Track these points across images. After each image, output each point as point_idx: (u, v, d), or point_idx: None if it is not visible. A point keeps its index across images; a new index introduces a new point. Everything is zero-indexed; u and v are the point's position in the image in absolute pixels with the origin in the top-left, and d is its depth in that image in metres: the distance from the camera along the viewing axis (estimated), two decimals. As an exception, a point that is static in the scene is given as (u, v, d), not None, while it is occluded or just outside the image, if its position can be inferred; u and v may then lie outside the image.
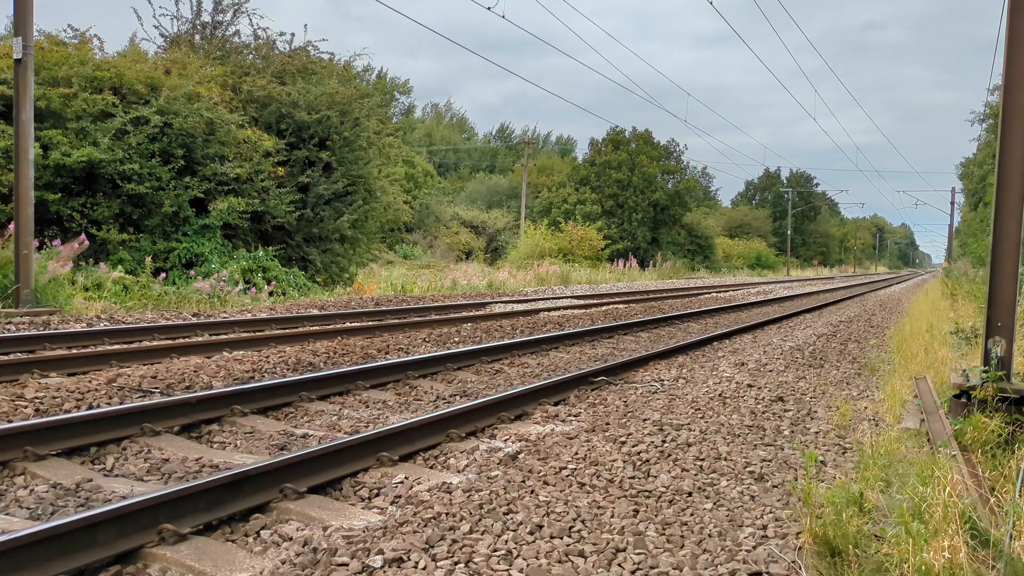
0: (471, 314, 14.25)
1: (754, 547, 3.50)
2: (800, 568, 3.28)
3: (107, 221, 15.12)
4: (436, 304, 16.12)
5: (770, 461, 4.92)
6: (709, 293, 26.63)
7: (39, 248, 12.48)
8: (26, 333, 8.74)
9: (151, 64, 17.59)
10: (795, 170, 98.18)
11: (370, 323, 11.88)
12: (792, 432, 5.76)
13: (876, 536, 3.52)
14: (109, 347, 8.25)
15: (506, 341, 9.88)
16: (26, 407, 5.51)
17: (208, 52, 20.58)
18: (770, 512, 3.96)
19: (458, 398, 6.90)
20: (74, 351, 7.93)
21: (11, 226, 11.79)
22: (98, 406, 5.72)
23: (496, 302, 17.85)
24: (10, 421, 5.13)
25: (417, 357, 8.07)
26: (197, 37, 21.67)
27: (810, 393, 7.35)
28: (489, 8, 18.51)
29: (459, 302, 17.24)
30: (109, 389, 6.22)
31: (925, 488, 3.73)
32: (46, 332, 8.84)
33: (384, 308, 14.43)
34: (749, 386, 7.47)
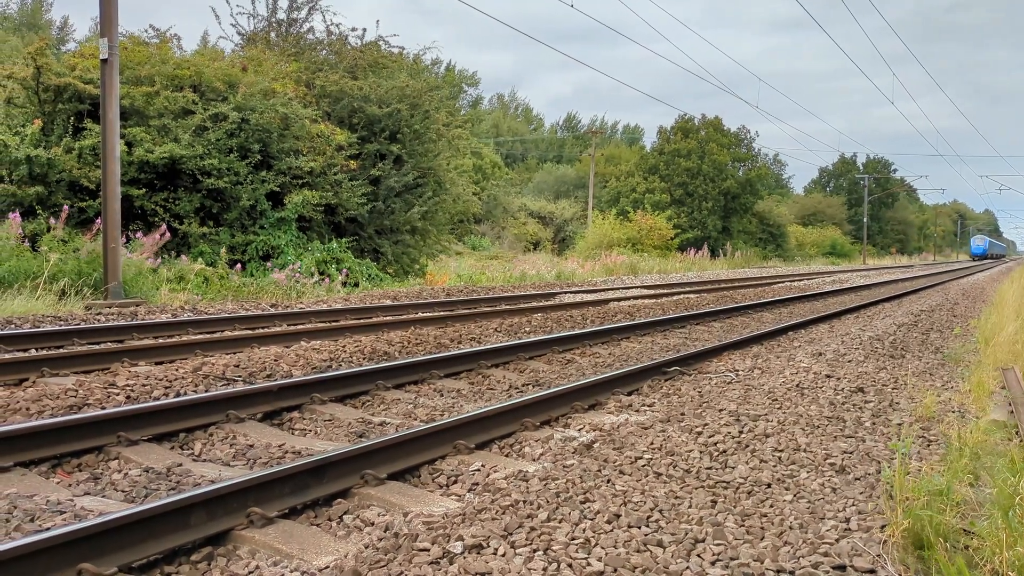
0: (541, 304, 14.28)
1: (837, 540, 3.43)
2: (885, 562, 3.20)
3: (188, 215, 15.59)
4: (506, 295, 16.19)
5: (851, 453, 4.82)
6: (782, 282, 26.10)
7: (125, 242, 12.96)
8: (115, 323, 9.11)
9: (228, 61, 18.07)
10: (872, 156, 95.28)
11: (442, 313, 12.00)
12: (873, 424, 5.62)
13: (965, 530, 3.42)
14: (193, 337, 8.53)
15: (577, 331, 9.88)
16: (118, 394, 5.75)
17: (283, 49, 21.03)
18: (852, 505, 3.88)
19: (531, 387, 6.93)
20: (160, 341, 8.23)
21: (99, 221, 12.28)
22: (185, 393, 5.93)
23: (565, 292, 17.83)
24: (103, 408, 5.37)
25: (489, 347, 8.13)
26: (272, 34, 22.18)
27: (891, 384, 7.15)
28: (558, -2, 18.44)
29: (528, 292, 17.29)
30: (195, 377, 6.43)
31: (1017, 480, 3.61)
32: (134, 323, 9.19)
33: (455, 299, 14.56)
34: (828, 376, 7.31)
